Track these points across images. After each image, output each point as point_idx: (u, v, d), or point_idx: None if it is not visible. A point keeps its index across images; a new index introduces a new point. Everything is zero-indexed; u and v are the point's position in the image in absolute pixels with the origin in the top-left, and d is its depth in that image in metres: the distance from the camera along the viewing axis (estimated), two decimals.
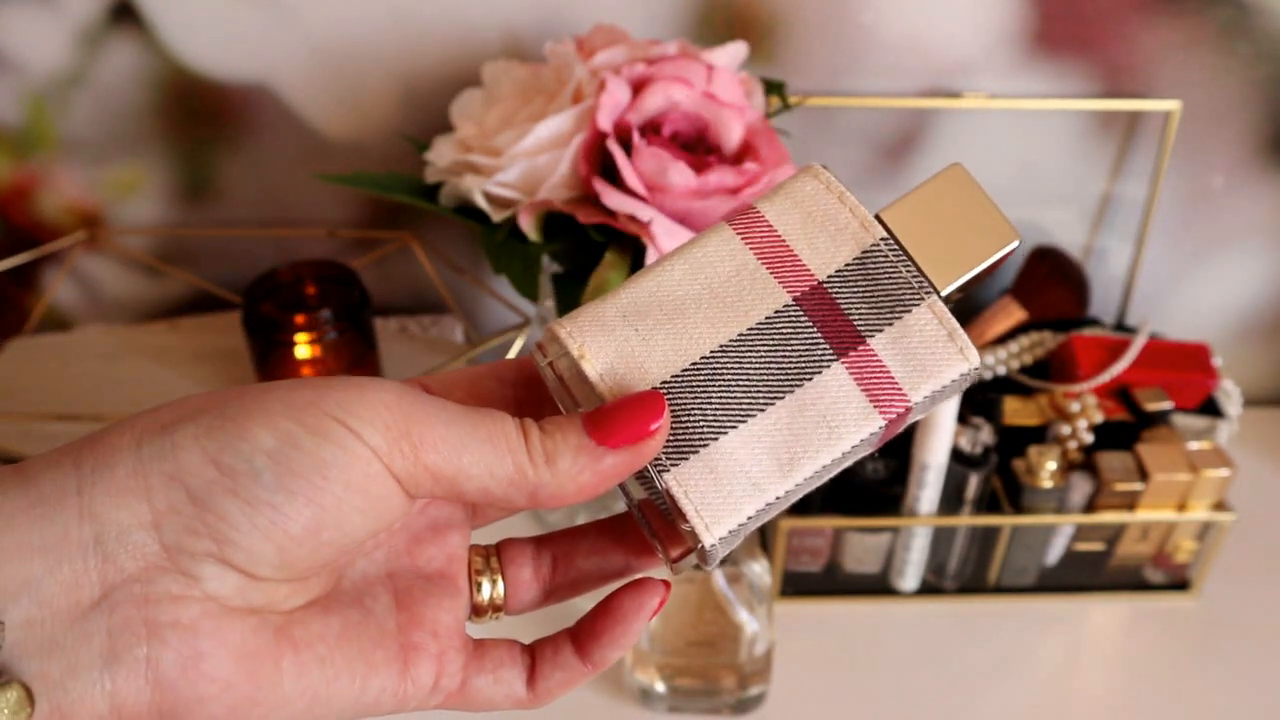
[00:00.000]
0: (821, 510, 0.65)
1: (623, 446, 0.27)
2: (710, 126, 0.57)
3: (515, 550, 0.32)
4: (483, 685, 0.30)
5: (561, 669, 0.30)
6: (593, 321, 0.29)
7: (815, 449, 0.29)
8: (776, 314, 0.30)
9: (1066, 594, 0.69)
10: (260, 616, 0.26)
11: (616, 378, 0.29)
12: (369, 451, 0.25)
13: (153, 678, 0.24)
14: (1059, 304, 0.74)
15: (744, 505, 0.28)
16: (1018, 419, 0.68)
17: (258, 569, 0.25)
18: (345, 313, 0.65)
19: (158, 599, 0.24)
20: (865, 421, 0.29)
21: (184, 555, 0.25)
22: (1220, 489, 0.65)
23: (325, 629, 0.27)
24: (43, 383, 0.71)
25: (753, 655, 0.60)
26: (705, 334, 0.29)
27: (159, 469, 0.25)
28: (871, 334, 0.29)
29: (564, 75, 0.58)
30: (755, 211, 0.31)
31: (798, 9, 0.67)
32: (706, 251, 0.30)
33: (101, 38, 0.67)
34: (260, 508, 0.25)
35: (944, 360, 0.29)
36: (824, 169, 0.31)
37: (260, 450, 0.25)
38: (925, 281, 0.30)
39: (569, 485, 0.27)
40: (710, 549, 0.28)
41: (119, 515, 0.24)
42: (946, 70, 0.70)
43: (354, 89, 0.70)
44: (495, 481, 0.27)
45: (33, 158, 0.72)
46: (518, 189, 0.56)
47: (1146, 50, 0.69)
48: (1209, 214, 0.76)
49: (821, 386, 0.29)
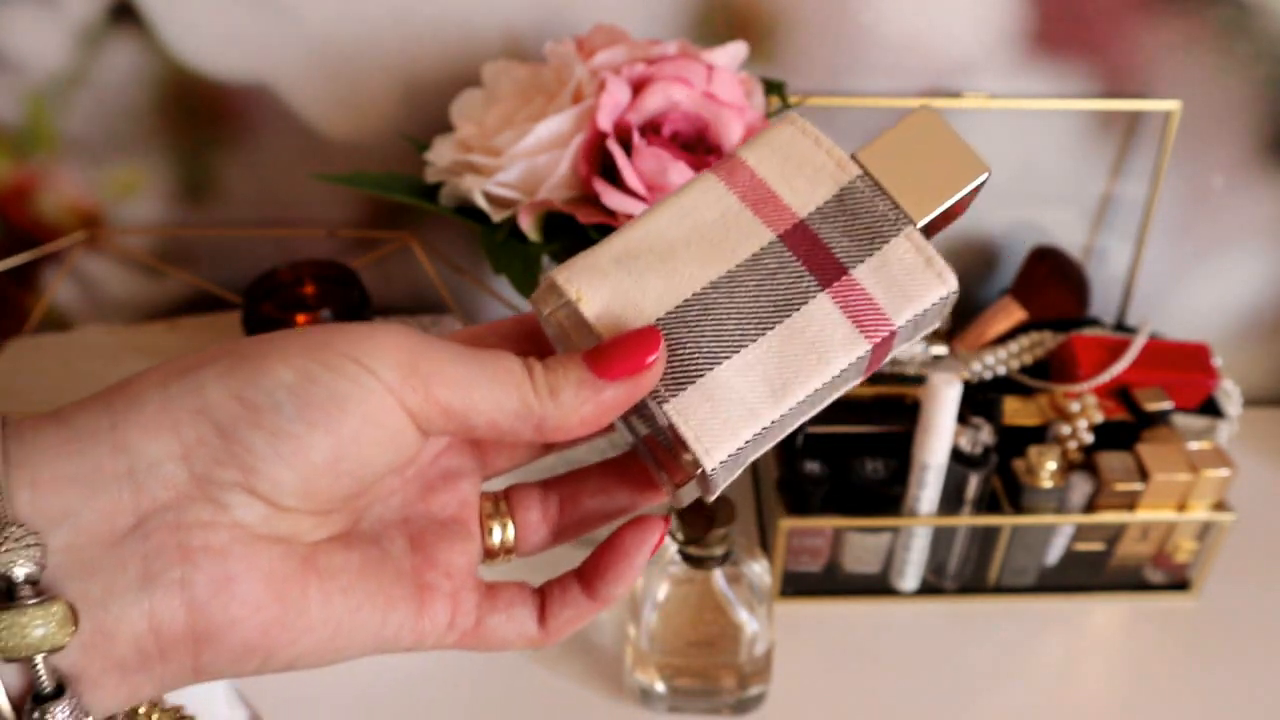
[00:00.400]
0: (821, 510, 0.65)
1: (622, 378, 0.29)
2: (710, 126, 0.57)
3: (523, 494, 0.34)
4: (497, 624, 0.31)
5: (570, 606, 0.31)
6: (588, 268, 0.31)
7: (806, 374, 0.30)
8: (762, 250, 0.31)
9: (1066, 594, 0.69)
10: (286, 545, 0.27)
11: (614, 318, 0.30)
12: (382, 386, 0.27)
13: (187, 599, 0.25)
14: (1059, 304, 0.74)
15: (741, 430, 0.29)
16: (1018, 419, 0.68)
17: (282, 498, 0.27)
18: (345, 313, 0.65)
19: (189, 525, 0.26)
20: (853, 346, 0.30)
21: (212, 484, 0.26)
22: (1220, 489, 0.65)
23: (347, 561, 0.29)
24: (43, 383, 0.71)
25: (753, 655, 0.60)
26: (695, 273, 0.31)
27: (186, 405, 0.26)
28: (853, 265, 0.31)
29: (564, 75, 0.58)
30: (737, 158, 0.32)
31: (798, 9, 0.67)
32: (693, 197, 0.32)
33: (101, 38, 0.67)
34: (283, 438, 0.26)
35: (924, 285, 0.31)
36: (799, 116, 0.33)
37: (280, 385, 0.26)
38: (901, 213, 0.31)
39: (572, 417, 0.29)
40: (711, 474, 0.29)
41: (150, 448, 0.26)
42: (946, 70, 0.70)
43: (354, 89, 0.70)
44: (503, 415, 0.28)
45: (33, 158, 0.72)
46: (518, 189, 0.56)
47: (1146, 50, 0.69)
48: (1209, 214, 0.76)
49: (809, 316, 0.30)
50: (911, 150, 0.32)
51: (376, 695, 0.62)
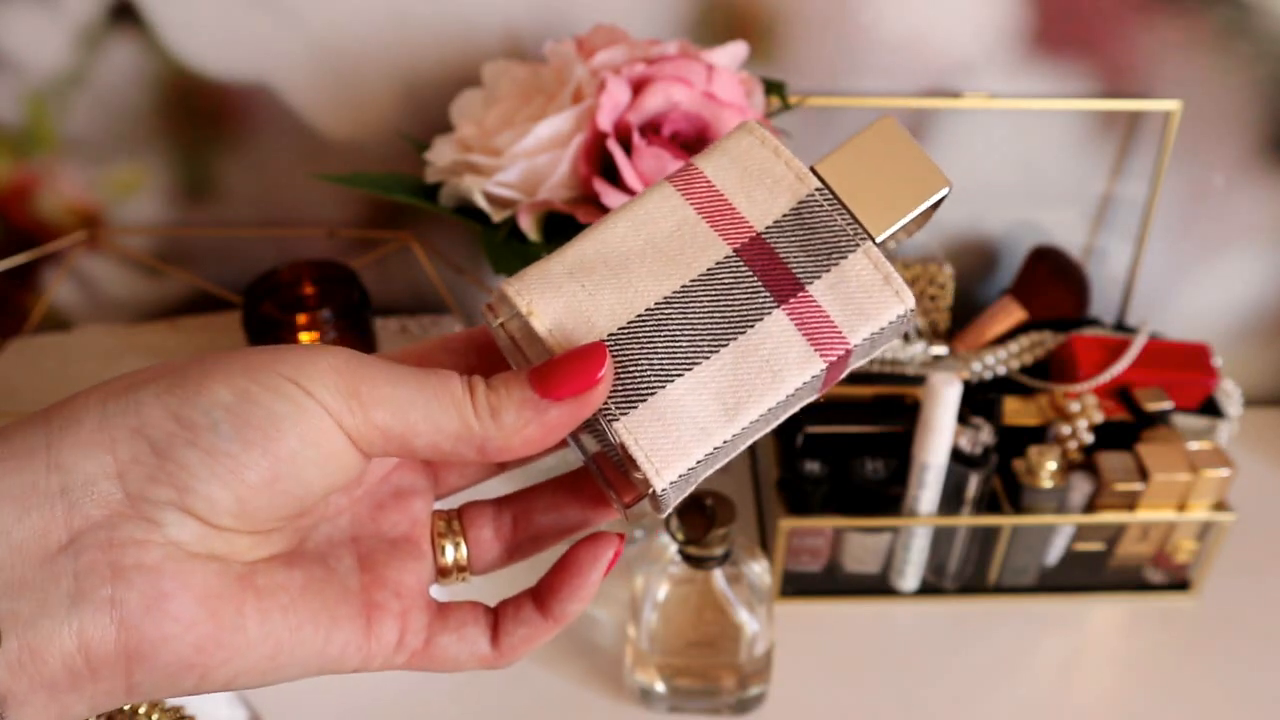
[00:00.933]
0: (821, 510, 0.65)
1: (566, 398, 0.28)
2: (710, 126, 0.57)
3: (476, 512, 0.33)
4: (447, 644, 0.31)
5: (524, 625, 0.31)
6: (539, 279, 0.30)
7: (760, 393, 0.29)
8: (718, 265, 0.30)
9: (1066, 594, 0.69)
10: (222, 563, 0.27)
11: (565, 332, 0.29)
12: (320, 408, 0.27)
13: (118, 617, 0.25)
14: (1059, 304, 0.74)
15: (692, 450, 0.29)
16: (1018, 419, 0.68)
17: (218, 517, 0.26)
18: (345, 313, 0.65)
19: (122, 543, 0.25)
20: (807, 364, 0.30)
21: (146, 503, 0.26)
22: (1220, 489, 0.65)
23: (288, 580, 0.28)
24: (43, 383, 0.71)
25: (753, 655, 0.60)
26: (649, 287, 0.30)
27: (123, 423, 0.26)
28: (810, 281, 0.30)
29: (564, 75, 0.58)
30: (694, 168, 0.32)
31: (798, 9, 0.67)
32: (648, 208, 0.31)
33: (101, 38, 0.67)
34: (218, 457, 0.26)
35: (880, 303, 0.30)
36: (758, 125, 0.32)
37: (218, 404, 0.26)
38: (860, 229, 0.31)
39: (514, 438, 0.28)
40: (661, 494, 0.29)
41: (85, 465, 0.26)
42: (946, 70, 0.70)
43: (354, 89, 0.70)
44: (443, 436, 0.28)
45: (33, 158, 0.72)
46: (518, 189, 0.56)
47: (1146, 50, 0.69)
48: (1209, 214, 0.76)
49: (764, 333, 0.30)
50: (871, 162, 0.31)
51: (377, 695, 0.62)
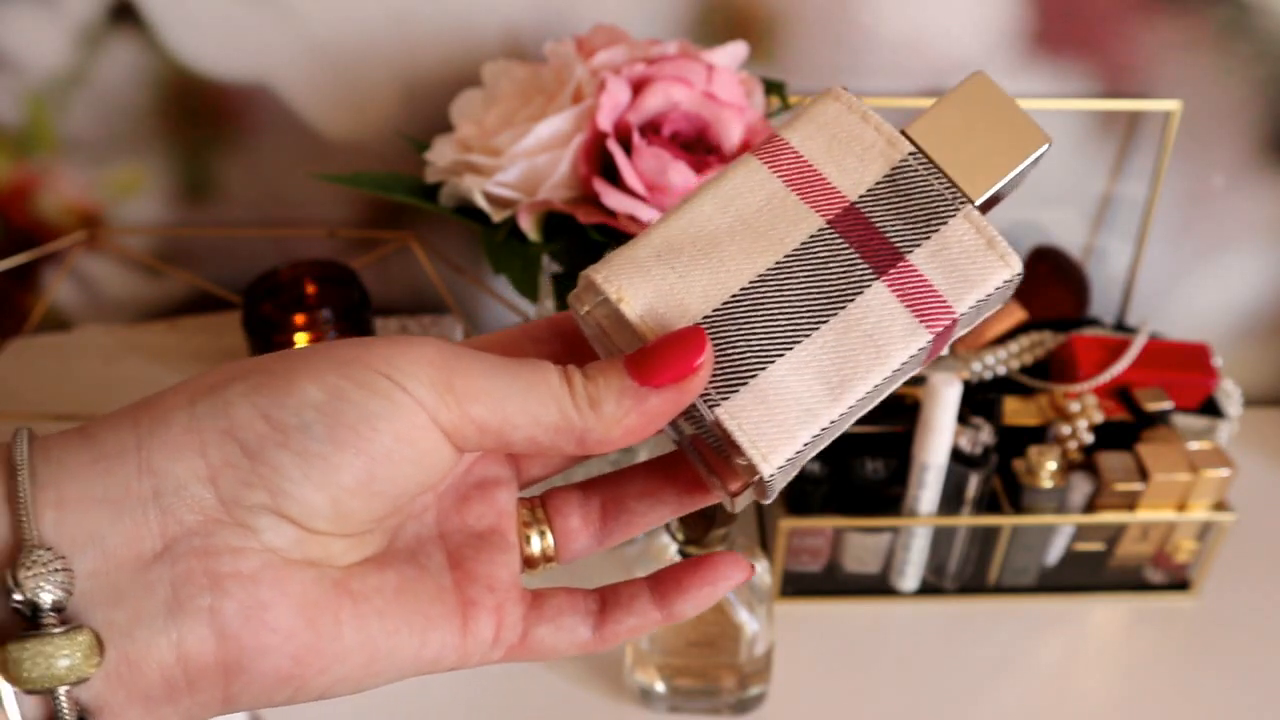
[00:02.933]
0: (821, 510, 0.65)
1: (666, 385, 0.27)
2: (710, 126, 0.57)
3: (560, 500, 0.32)
4: (544, 634, 0.30)
5: (636, 615, 0.30)
6: (627, 264, 0.29)
7: (865, 369, 0.28)
8: (812, 239, 0.29)
9: (1066, 594, 0.69)
10: (318, 569, 0.26)
11: (657, 317, 0.28)
12: (415, 403, 0.26)
13: (216, 627, 0.25)
14: (1059, 304, 0.74)
15: (798, 432, 0.28)
16: (1018, 419, 0.68)
17: (312, 521, 0.26)
18: (345, 313, 0.65)
19: (218, 551, 0.25)
20: (912, 337, 0.28)
21: (240, 508, 0.25)
22: (1220, 489, 0.65)
23: (382, 583, 0.28)
24: (43, 383, 0.71)
25: (753, 655, 0.60)
26: (742, 265, 0.29)
27: (213, 425, 0.25)
28: (910, 249, 0.29)
29: (564, 75, 0.58)
30: (779, 139, 0.30)
31: (798, 9, 0.67)
32: (734, 183, 0.30)
33: (101, 38, 0.67)
34: (311, 459, 0.25)
35: (986, 268, 0.29)
36: (844, 90, 0.31)
37: (308, 404, 0.25)
38: (958, 191, 0.29)
39: (615, 429, 0.27)
40: (769, 480, 0.28)
41: (176, 469, 0.25)
42: (946, 70, 0.70)
43: (354, 89, 0.70)
44: (541, 429, 0.27)
45: (33, 158, 0.72)
46: (518, 189, 0.56)
47: (1146, 50, 0.69)
48: (1209, 214, 0.76)
49: (865, 307, 0.29)
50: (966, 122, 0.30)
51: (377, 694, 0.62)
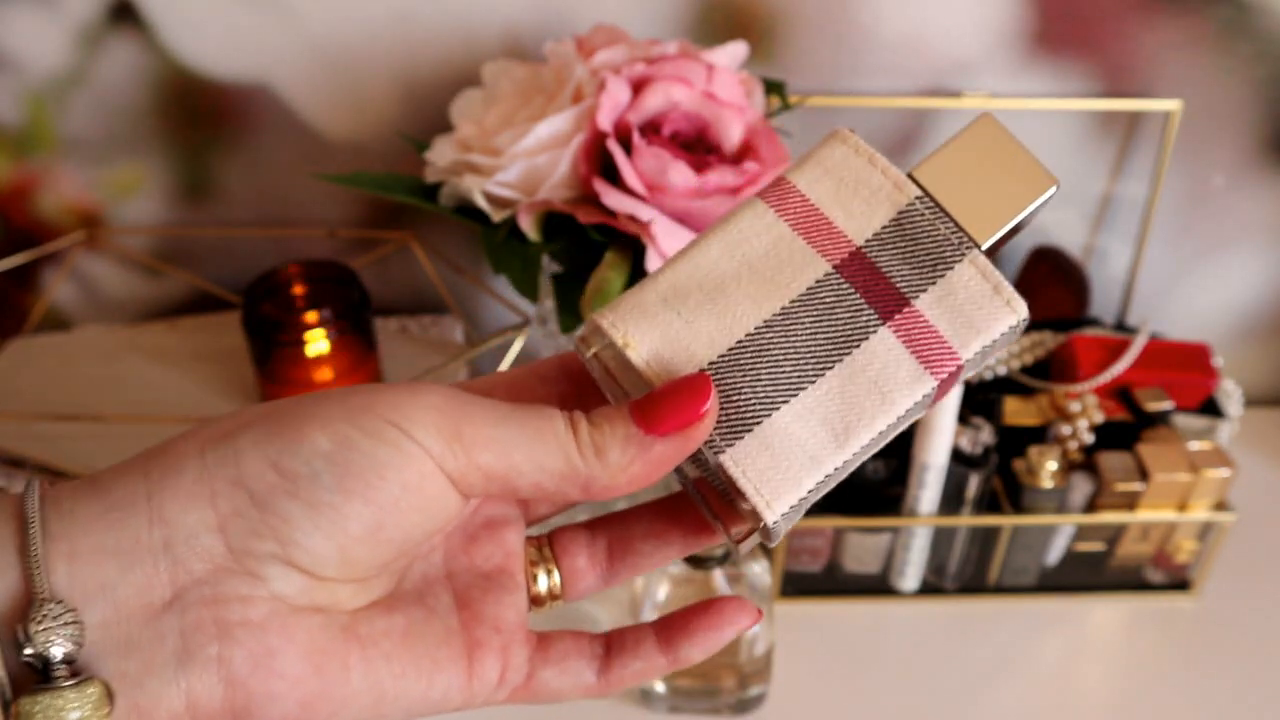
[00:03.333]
0: (821, 510, 0.65)
1: (671, 433, 0.27)
2: (710, 126, 0.57)
3: (568, 539, 0.32)
4: (550, 677, 0.30)
5: (642, 659, 0.30)
6: (634, 309, 0.29)
7: (870, 416, 0.28)
8: (818, 283, 0.29)
9: (1067, 594, 0.69)
10: (326, 615, 0.27)
11: (663, 362, 0.28)
12: (422, 452, 0.26)
13: (225, 675, 0.25)
14: (1059, 304, 0.74)
15: (803, 479, 0.28)
16: (1018, 419, 0.68)
17: (321, 569, 0.26)
18: (345, 313, 0.65)
19: (226, 600, 0.25)
20: (918, 384, 0.29)
21: (250, 557, 0.25)
22: (1221, 489, 0.65)
23: (389, 626, 0.28)
24: (43, 383, 0.71)
25: (753, 655, 0.60)
26: (748, 310, 0.29)
27: (223, 474, 0.26)
28: (915, 295, 0.29)
29: (564, 75, 0.58)
30: (786, 183, 0.30)
31: (798, 9, 0.67)
32: (741, 228, 0.30)
33: (101, 38, 0.67)
34: (321, 509, 0.25)
35: (991, 314, 0.29)
36: (851, 132, 0.31)
37: (318, 454, 0.26)
38: (965, 236, 0.29)
39: (620, 476, 0.28)
40: (773, 526, 0.28)
41: (187, 519, 0.25)
42: (946, 70, 0.70)
43: (354, 89, 0.70)
44: (547, 476, 0.27)
45: (32, 158, 0.72)
46: (518, 189, 0.56)
47: (1146, 50, 0.69)
48: (1209, 214, 0.76)
49: (870, 353, 0.29)
50: (972, 165, 0.30)
51: None
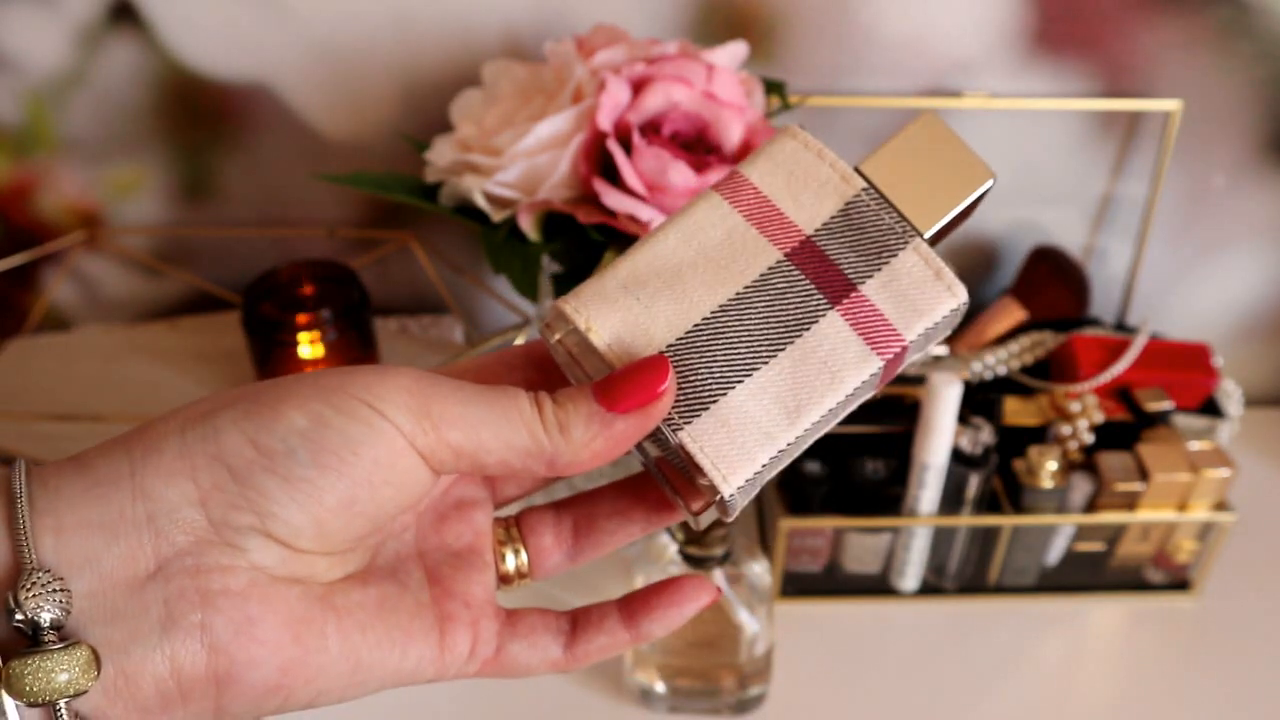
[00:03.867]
0: (821, 510, 0.65)
1: (632, 410, 0.29)
2: (710, 126, 0.57)
3: (535, 519, 0.34)
4: (518, 650, 0.31)
5: (605, 634, 0.32)
6: (596, 295, 0.30)
7: (820, 394, 0.30)
8: (770, 270, 0.31)
9: (1067, 594, 0.69)
10: (304, 586, 0.28)
11: (624, 346, 0.30)
12: (394, 429, 0.27)
13: (208, 641, 0.26)
14: (1059, 304, 0.74)
15: (757, 454, 0.29)
16: (1018, 419, 0.68)
17: (298, 541, 0.27)
18: (345, 313, 0.65)
19: (208, 569, 0.26)
20: (864, 364, 0.30)
21: (229, 529, 0.26)
22: (1221, 489, 0.65)
23: (364, 598, 0.29)
24: (43, 383, 0.71)
25: (753, 655, 0.60)
26: (704, 296, 0.31)
27: (203, 450, 0.27)
28: (862, 280, 0.31)
29: (564, 75, 0.58)
30: (740, 175, 0.32)
31: (798, 9, 0.67)
32: (696, 218, 0.31)
33: (101, 38, 0.67)
34: (296, 483, 0.27)
35: (934, 298, 0.31)
36: (801, 128, 0.32)
37: (294, 430, 0.27)
38: (908, 225, 0.31)
39: (584, 452, 0.29)
40: (730, 499, 0.29)
41: (169, 493, 0.26)
42: (947, 70, 0.70)
43: (354, 89, 0.70)
44: (514, 453, 0.29)
45: (32, 158, 0.72)
46: (517, 189, 0.56)
47: (1147, 50, 0.69)
48: (1209, 214, 0.76)
49: (820, 335, 0.30)
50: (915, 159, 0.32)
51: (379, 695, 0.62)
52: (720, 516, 0.31)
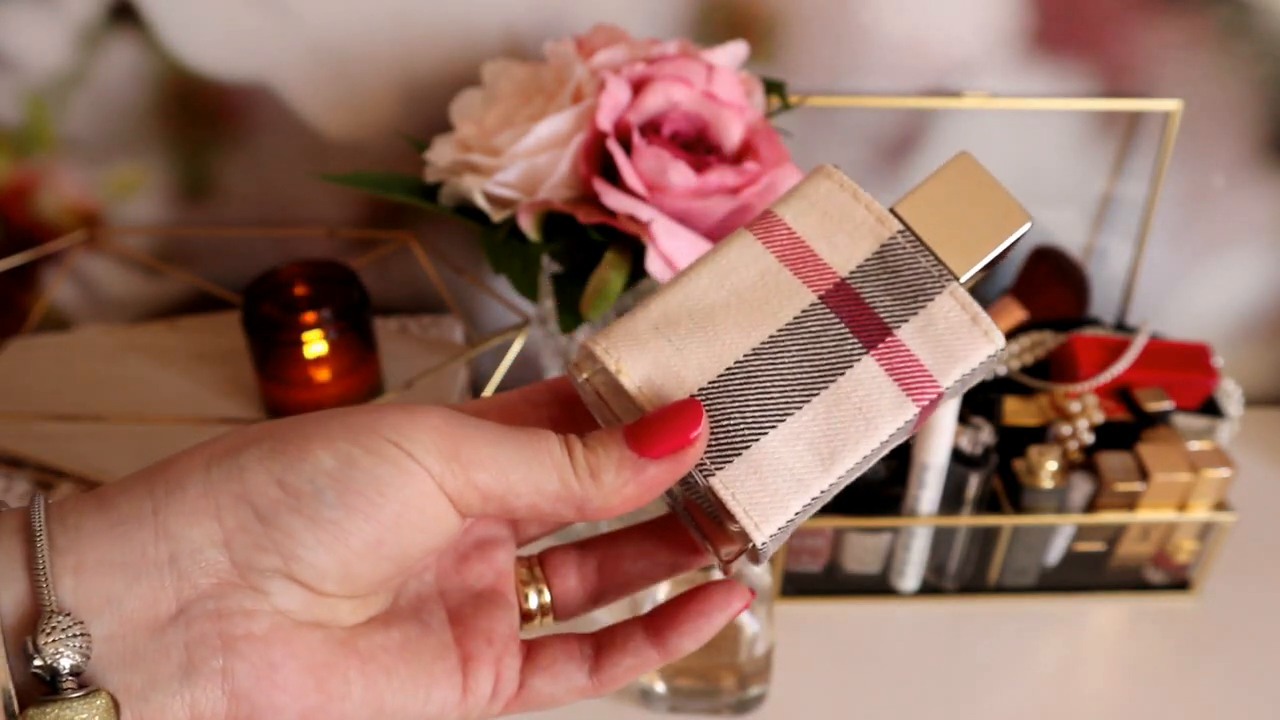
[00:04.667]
0: (822, 510, 0.65)
1: (664, 456, 0.28)
2: (710, 126, 0.57)
3: (558, 559, 0.33)
4: (541, 685, 0.31)
5: (633, 655, 0.31)
6: (626, 336, 0.30)
7: (854, 441, 0.29)
8: (804, 313, 0.30)
9: (1067, 594, 0.69)
10: (326, 630, 0.27)
11: (654, 388, 0.29)
12: (423, 471, 0.27)
13: (229, 688, 0.25)
14: (1059, 304, 0.74)
15: (790, 502, 0.29)
16: (1018, 419, 0.68)
17: (322, 584, 0.27)
18: (345, 313, 0.65)
19: (230, 613, 0.26)
20: (900, 410, 0.30)
21: (253, 571, 0.26)
22: (1221, 489, 0.65)
23: (387, 641, 0.29)
24: (43, 383, 0.71)
25: (753, 655, 0.60)
26: (737, 339, 0.30)
27: (228, 490, 0.26)
28: (898, 325, 0.30)
29: (564, 75, 0.58)
30: (773, 216, 0.31)
31: (798, 9, 0.67)
32: (730, 258, 0.31)
33: (101, 38, 0.67)
34: (323, 524, 0.26)
35: (970, 344, 0.30)
36: (835, 168, 0.32)
37: (321, 471, 0.26)
38: (945, 269, 0.31)
39: (614, 498, 0.28)
40: (761, 547, 0.29)
41: (192, 534, 0.26)
42: (947, 70, 0.70)
43: (354, 89, 0.70)
44: (543, 497, 0.28)
45: (32, 158, 0.72)
46: (517, 189, 0.56)
47: (1147, 50, 0.69)
48: (1209, 214, 0.76)
49: (854, 380, 0.30)
50: (951, 200, 0.31)
51: None
52: (750, 562, 0.30)
